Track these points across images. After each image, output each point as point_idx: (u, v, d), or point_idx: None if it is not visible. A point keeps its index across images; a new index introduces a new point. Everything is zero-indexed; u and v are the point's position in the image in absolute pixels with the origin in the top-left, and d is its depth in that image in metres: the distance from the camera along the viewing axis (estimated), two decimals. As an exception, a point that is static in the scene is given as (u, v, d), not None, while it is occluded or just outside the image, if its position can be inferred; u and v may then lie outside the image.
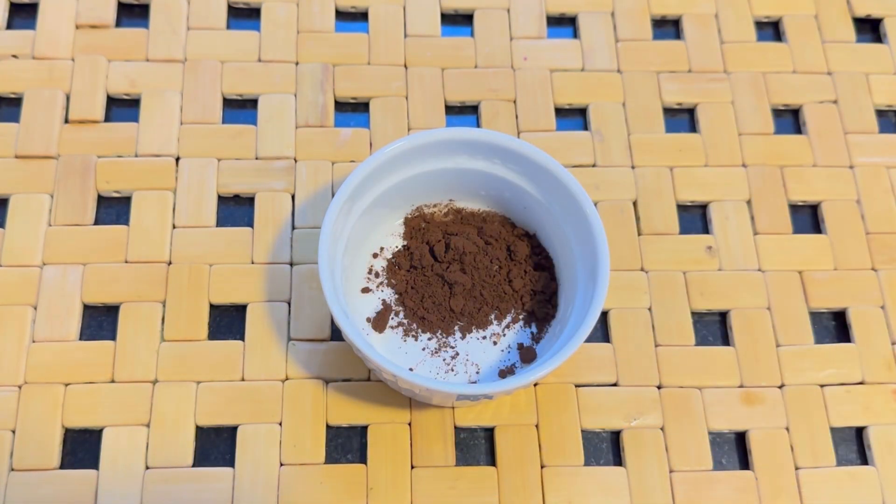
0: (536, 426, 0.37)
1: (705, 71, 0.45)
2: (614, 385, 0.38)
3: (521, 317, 0.37)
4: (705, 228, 0.42)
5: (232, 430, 0.36)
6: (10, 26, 0.44)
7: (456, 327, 0.37)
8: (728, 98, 0.45)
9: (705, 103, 0.44)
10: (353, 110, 0.44)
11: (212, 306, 0.39)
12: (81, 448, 0.36)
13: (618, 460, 0.37)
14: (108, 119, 0.43)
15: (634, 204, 0.42)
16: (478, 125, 0.43)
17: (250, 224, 0.40)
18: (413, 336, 0.37)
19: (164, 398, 0.36)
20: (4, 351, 0.37)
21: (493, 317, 0.37)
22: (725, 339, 0.40)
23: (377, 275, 0.38)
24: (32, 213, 0.40)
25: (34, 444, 0.35)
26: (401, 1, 0.46)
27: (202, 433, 0.36)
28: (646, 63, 0.45)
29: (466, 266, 0.37)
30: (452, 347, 0.36)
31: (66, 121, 0.42)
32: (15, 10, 0.45)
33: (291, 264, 0.39)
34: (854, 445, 0.38)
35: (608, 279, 0.33)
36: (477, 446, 0.37)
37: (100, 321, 0.38)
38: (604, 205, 0.41)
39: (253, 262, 0.39)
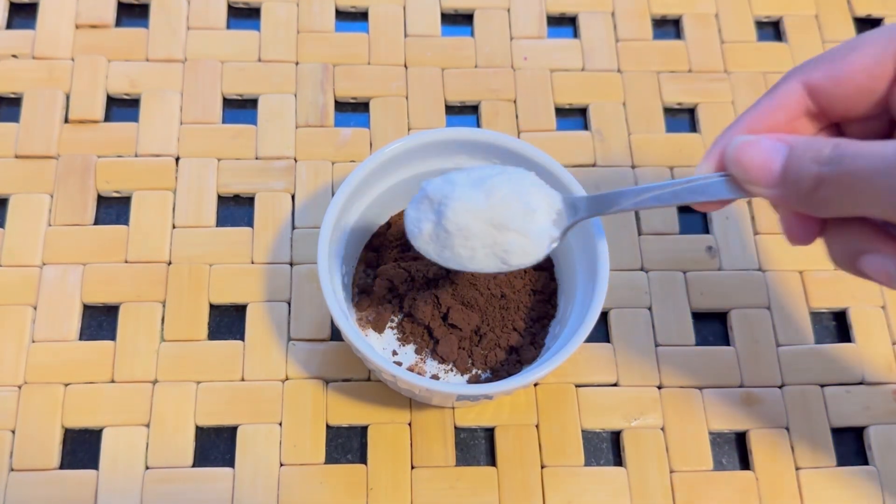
0: (536, 426, 0.37)
1: (705, 71, 0.45)
2: (614, 385, 0.38)
3: (521, 317, 0.37)
4: (705, 228, 0.42)
5: (232, 430, 0.36)
6: (10, 26, 0.44)
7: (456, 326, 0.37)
8: (728, 98, 0.45)
9: (705, 103, 0.44)
10: (353, 110, 0.44)
11: (212, 306, 0.39)
12: (81, 448, 0.36)
13: (618, 460, 0.37)
14: (108, 119, 0.43)
15: (634, 204, 0.42)
16: (478, 125, 0.43)
17: (250, 224, 0.40)
18: (413, 336, 0.37)
19: (164, 398, 0.36)
20: (4, 351, 0.37)
21: (492, 316, 0.37)
22: (725, 339, 0.40)
23: (377, 275, 0.38)
24: (32, 213, 0.40)
25: (34, 444, 0.35)
26: (401, 1, 0.46)
27: (202, 433, 0.36)
28: (646, 63, 0.45)
29: (466, 266, 0.37)
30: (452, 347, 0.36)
31: (66, 121, 0.42)
32: (15, 10, 0.45)
33: (291, 264, 0.39)
34: (854, 445, 0.38)
35: (608, 279, 0.33)
36: (477, 446, 0.37)
37: (100, 321, 0.38)
38: (604, 205, 0.41)
39: (253, 262, 0.39)
